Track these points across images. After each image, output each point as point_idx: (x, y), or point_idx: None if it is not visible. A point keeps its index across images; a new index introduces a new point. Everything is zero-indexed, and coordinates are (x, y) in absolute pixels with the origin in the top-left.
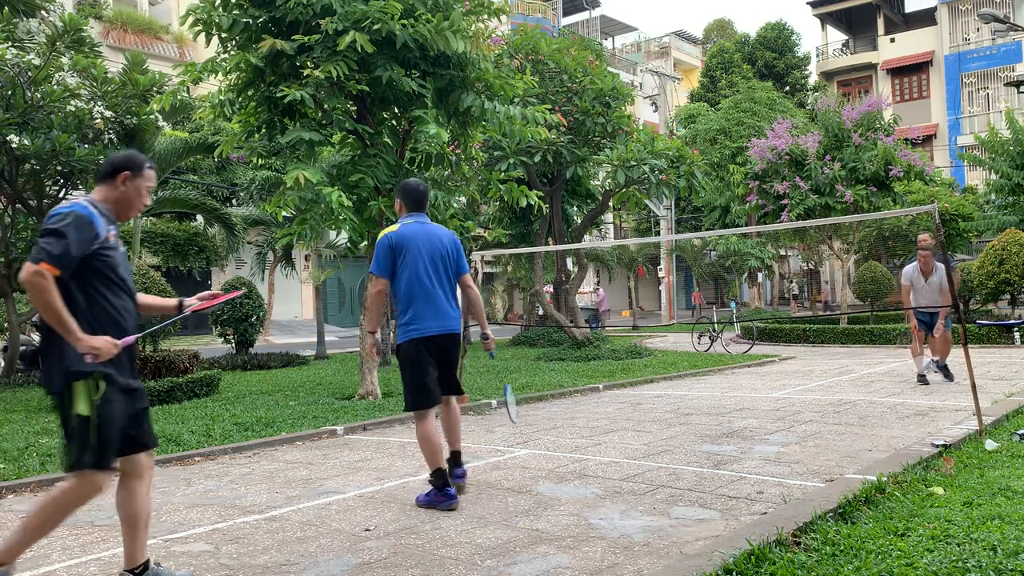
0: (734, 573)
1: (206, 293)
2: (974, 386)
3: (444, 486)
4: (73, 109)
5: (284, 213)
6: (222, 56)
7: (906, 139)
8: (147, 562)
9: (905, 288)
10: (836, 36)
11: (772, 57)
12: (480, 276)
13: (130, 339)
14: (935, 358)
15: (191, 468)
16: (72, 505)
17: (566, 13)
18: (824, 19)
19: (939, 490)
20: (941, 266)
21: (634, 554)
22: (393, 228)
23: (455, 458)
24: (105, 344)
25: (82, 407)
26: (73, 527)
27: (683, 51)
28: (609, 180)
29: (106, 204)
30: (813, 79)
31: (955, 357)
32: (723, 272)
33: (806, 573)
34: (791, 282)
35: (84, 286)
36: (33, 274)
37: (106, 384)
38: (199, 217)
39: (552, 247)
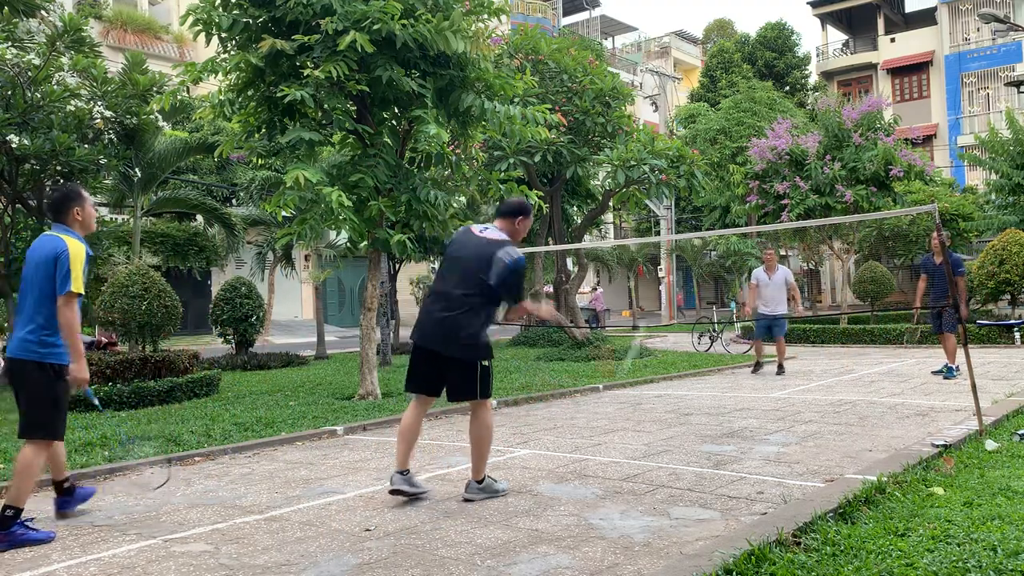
0: (734, 573)
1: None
2: (974, 386)
3: None
4: (73, 109)
5: (284, 213)
6: (222, 56)
7: (906, 139)
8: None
9: (752, 287)
10: (836, 36)
11: (772, 57)
12: None
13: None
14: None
15: (191, 468)
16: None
17: (566, 13)
18: (824, 19)
19: (939, 490)
20: (783, 268)
21: (634, 554)
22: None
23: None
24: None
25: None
26: (73, 527)
27: (683, 51)
28: (609, 180)
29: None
30: (813, 79)
31: (956, 357)
32: (723, 272)
33: (806, 573)
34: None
35: None
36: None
37: None
38: (199, 217)
39: (552, 247)
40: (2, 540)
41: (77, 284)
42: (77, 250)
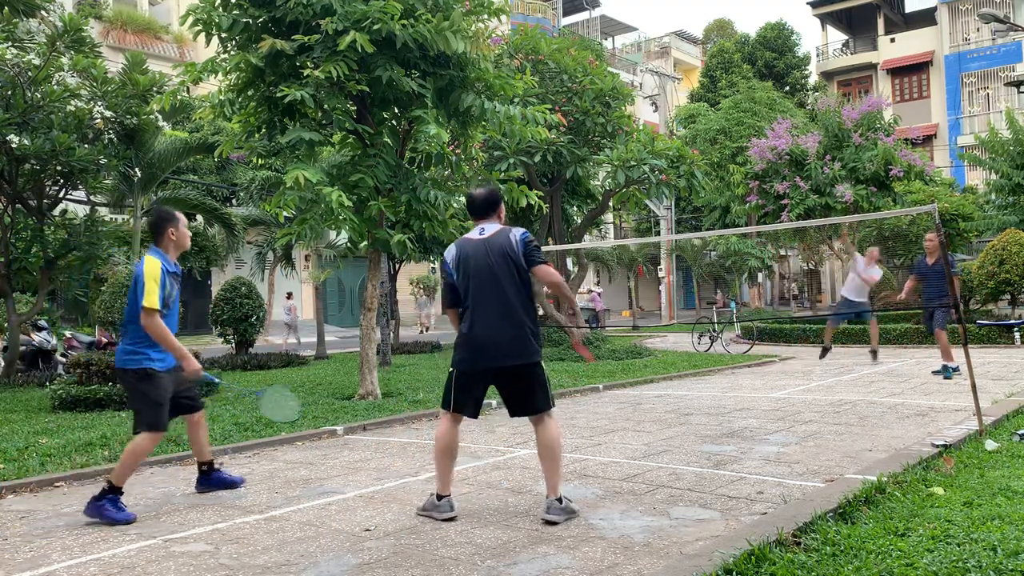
0: (734, 573)
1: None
2: (974, 386)
3: None
4: (73, 109)
5: (284, 213)
6: (222, 56)
7: (906, 139)
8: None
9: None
10: (836, 36)
11: (772, 57)
12: None
13: None
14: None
15: (191, 468)
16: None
17: (566, 13)
18: (824, 19)
19: (939, 490)
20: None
21: (634, 554)
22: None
23: None
24: None
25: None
26: (73, 527)
27: (683, 51)
28: (609, 180)
29: None
30: (813, 79)
31: (956, 356)
32: (723, 272)
33: (806, 573)
34: (792, 282)
35: None
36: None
37: None
38: (199, 217)
39: (552, 247)
40: (92, 506)
41: (150, 299)
42: (152, 268)
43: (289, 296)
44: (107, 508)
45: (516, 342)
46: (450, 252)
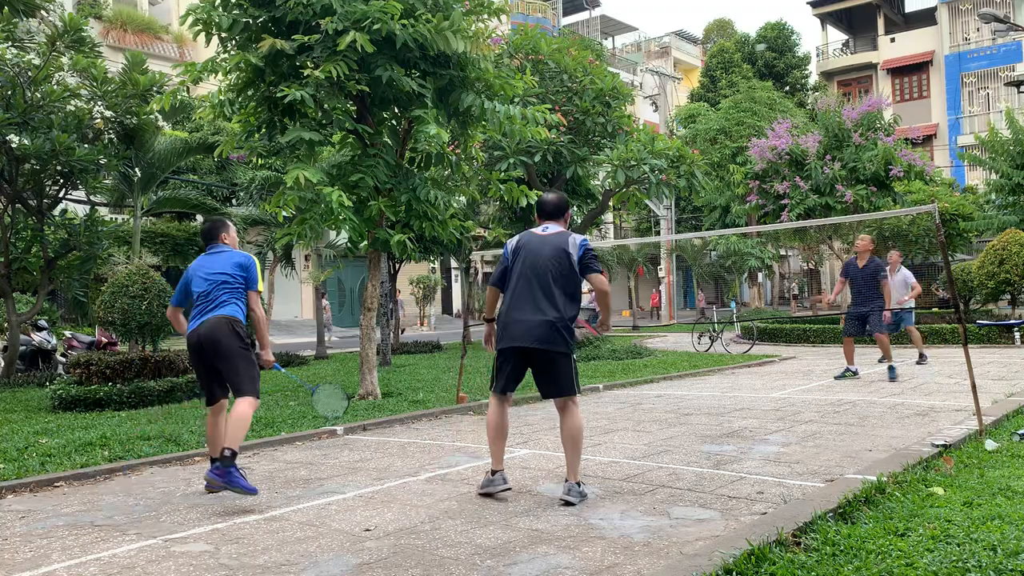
0: (734, 573)
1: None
2: (974, 386)
3: None
4: (73, 109)
5: (284, 213)
6: (222, 56)
7: (906, 139)
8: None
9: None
10: (836, 36)
11: (772, 57)
12: (480, 276)
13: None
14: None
15: (191, 468)
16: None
17: (566, 13)
18: (824, 19)
19: (939, 490)
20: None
21: (634, 554)
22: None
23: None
24: None
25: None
26: (73, 527)
27: (683, 51)
28: (609, 180)
29: None
30: (813, 79)
31: (956, 357)
32: (723, 272)
33: (806, 573)
34: (792, 282)
35: None
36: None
37: None
38: (199, 217)
39: None
40: (221, 476)
41: (261, 287)
42: (257, 262)
43: (323, 296)
44: (238, 479)
45: (543, 329)
46: (513, 239)
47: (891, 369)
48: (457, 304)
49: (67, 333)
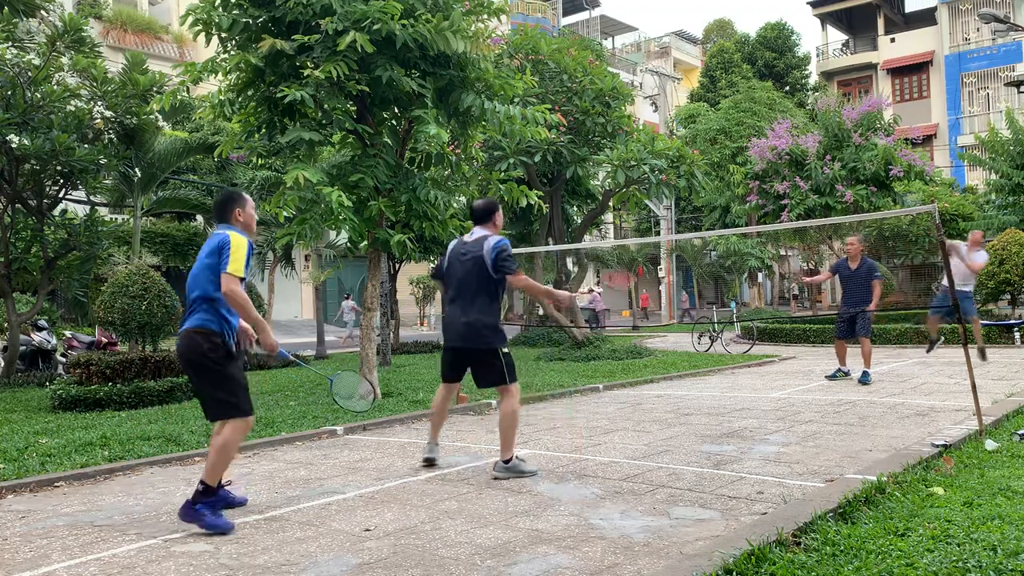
0: (734, 573)
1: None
2: (974, 386)
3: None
4: (73, 109)
5: (284, 213)
6: (222, 56)
7: (906, 139)
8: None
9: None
10: (836, 36)
11: (772, 57)
12: None
13: None
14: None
15: (191, 468)
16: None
17: (566, 13)
18: (824, 19)
19: (939, 490)
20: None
21: (634, 554)
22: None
23: None
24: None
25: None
26: (73, 527)
27: (683, 51)
28: (609, 180)
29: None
30: (813, 79)
31: (956, 357)
32: (723, 272)
33: (806, 573)
34: (791, 282)
35: None
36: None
37: None
38: (199, 217)
39: (552, 247)
40: (186, 513)
41: (235, 266)
42: (239, 241)
43: (347, 296)
44: (226, 495)
45: (465, 329)
46: (448, 247)
47: (865, 374)
48: None
49: (67, 333)
